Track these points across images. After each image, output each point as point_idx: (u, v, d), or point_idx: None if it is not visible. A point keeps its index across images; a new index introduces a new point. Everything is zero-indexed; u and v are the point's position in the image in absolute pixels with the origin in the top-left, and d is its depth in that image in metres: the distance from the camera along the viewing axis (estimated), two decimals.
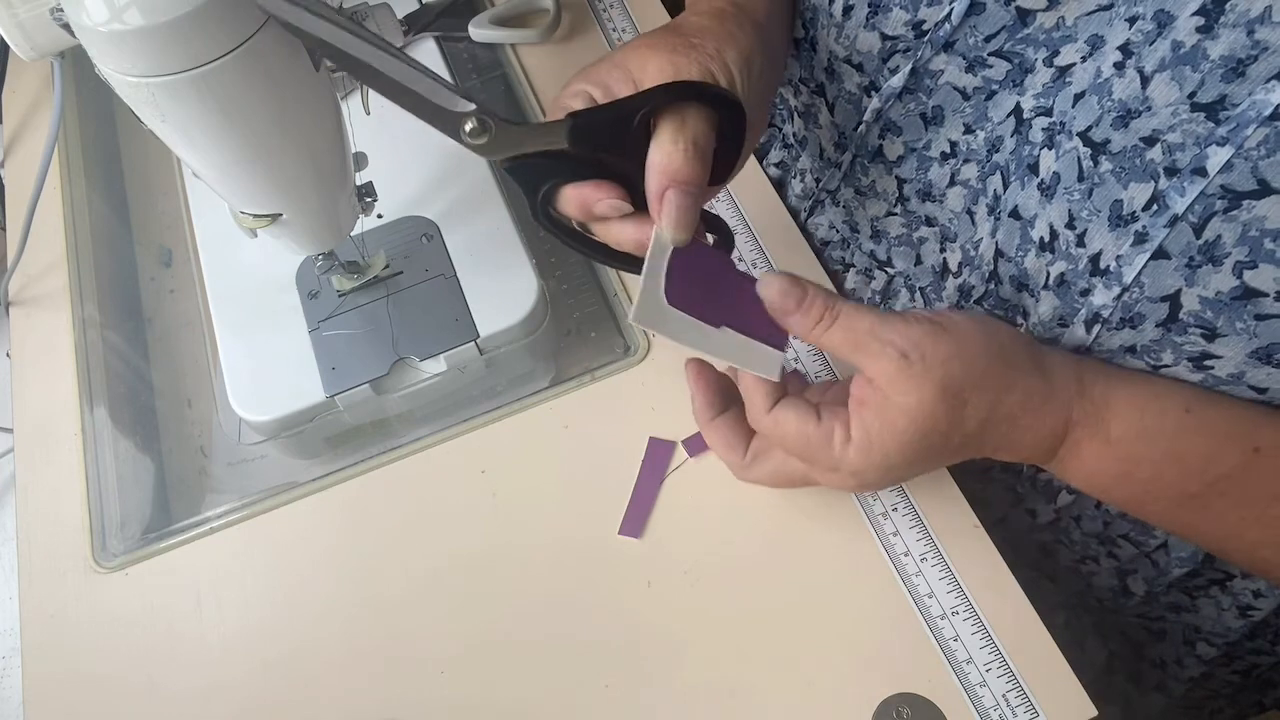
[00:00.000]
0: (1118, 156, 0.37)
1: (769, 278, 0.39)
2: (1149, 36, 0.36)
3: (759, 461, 0.44)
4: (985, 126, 0.44)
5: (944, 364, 0.37)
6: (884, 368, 0.37)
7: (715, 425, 0.44)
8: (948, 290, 0.50)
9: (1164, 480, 0.40)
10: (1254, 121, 0.33)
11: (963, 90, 0.44)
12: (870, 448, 0.38)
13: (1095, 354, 0.42)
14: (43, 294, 0.62)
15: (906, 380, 0.37)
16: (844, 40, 0.47)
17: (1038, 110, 0.41)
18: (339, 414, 0.56)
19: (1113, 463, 0.40)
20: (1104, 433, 0.39)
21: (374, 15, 0.44)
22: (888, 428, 0.38)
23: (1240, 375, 0.38)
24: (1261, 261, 0.34)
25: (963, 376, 0.37)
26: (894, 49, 0.45)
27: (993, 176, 0.44)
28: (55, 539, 0.52)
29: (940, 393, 0.37)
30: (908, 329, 0.38)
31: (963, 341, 0.38)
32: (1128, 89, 0.36)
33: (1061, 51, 0.40)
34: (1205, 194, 0.34)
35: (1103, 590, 0.60)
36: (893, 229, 0.53)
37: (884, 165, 0.50)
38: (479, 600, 0.48)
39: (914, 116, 0.46)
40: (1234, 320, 0.36)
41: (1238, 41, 0.33)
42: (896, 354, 0.37)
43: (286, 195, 0.46)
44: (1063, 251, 0.40)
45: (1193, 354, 0.38)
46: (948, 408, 0.37)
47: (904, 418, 0.38)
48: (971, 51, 0.42)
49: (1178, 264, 0.36)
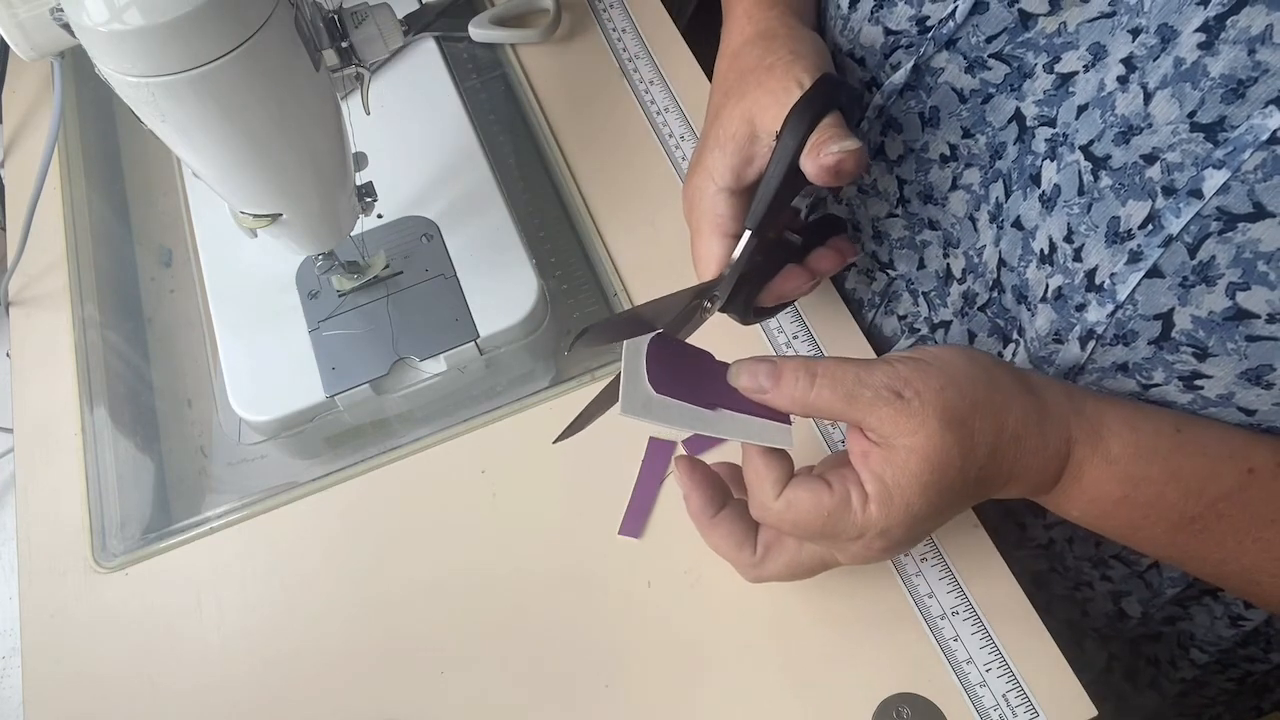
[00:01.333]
0: (1118, 173, 0.37)
1: (736, 367, 0.38)
2: (1153, 51, 0.36)
3: (772, 555, 0.41)
4: (986, 131, 0.44)
5: (939, 394, 0.36)
6: (882, 413, 0.36)
7: (717, 523, 0.41)
8: (952, 296, 0.50)
9: (1165, 502, 0.38)
10: (1251, 146, 0.33)
11: (960, 92, 0.44)
12: (890, 499, 0.36)
13: (1089, 372, 0.42)
14: (43, 294, 0.62)
15: (908, 419, 0.35)
16: (848, 33, 0.47)
17: (1041, 120, 0.41)
18: (339, 414, 0.56)
19: (1114, 485, 0.38)
20: (1104, 450, 0.38)
21: (374, 15, 0.44)
22: (902, 472, 0.36)
23: (1230, 396, 0.38)
24: (1254, 283, 0.34)
25: (961, 404, 0.36)
26: (896, 44, 0.45)
27: (995, 184, 0.44)
28: (55, 539, 0.52)
29: (944, 424, 0.35)
30: (893, 370, 0.36)
31: (950, 371, 0.37)
32: (1131, 105, 0.36)
33: (1063, 58, 0.40)
34: (1201, 215, 0.34)
35: (1098, 617, 0.60)
36: (895, 231, 0.53)
37: (885, 164, 0.50)
38: (479, 600, 0.48)
39: (913, 115, 0.46)
40: (1225, 341, 0.36)
41: (1238, 60, 0.33)
42: (891, 395, 0.36)
43: (286, 195, 0.46)
44: (1060, 265, 0.40)
45: (1183, 373, 0.38)
46: (956, 437, 0.36)
47: (915, 457, 0.36)
48: (973, 51, 0.42)
49: (1171, 283, 0.36)
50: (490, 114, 0.67)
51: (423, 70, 0.68)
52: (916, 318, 0.53)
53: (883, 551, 0.38)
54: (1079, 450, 0.38)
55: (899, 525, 0.36)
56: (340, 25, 0.43)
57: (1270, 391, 0.37)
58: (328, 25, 0.43)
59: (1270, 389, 0.37)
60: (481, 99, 0.68)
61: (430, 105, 0.66)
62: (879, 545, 0.37)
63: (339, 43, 0.43)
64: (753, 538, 0.41)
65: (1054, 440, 0.38)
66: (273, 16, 0.37)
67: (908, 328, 0.54)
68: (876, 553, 0.38)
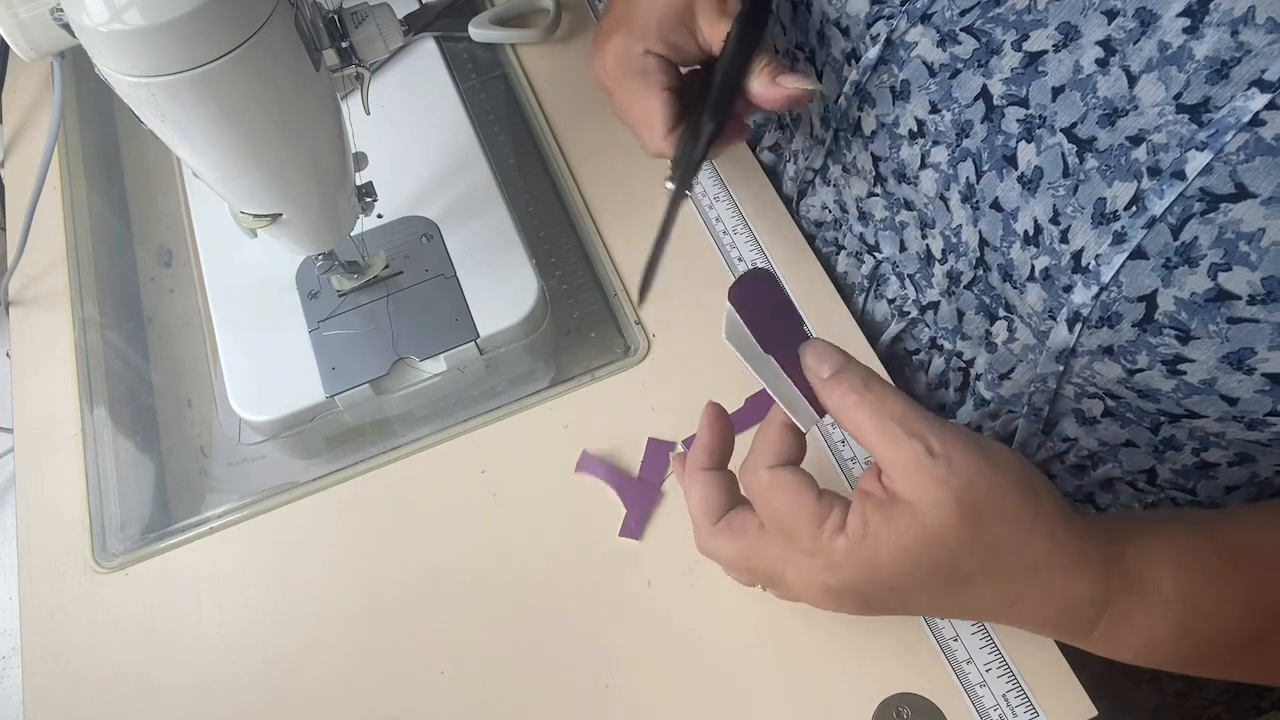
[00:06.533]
0: (1104, 155, 0.37)
1: (812, 342, 0.38)
2: (1132, 35, 0.36)
3: (727, 535, 0.39)
4: (952, 108, 0.44)
5: (971, 475, 0.33)
6: (903, 459, 0.34)
7: (701, 478, 0.40)
8: (936, 277, 0.50)
9: (1228, 627, 0.36)
10: (1234, 127, 0.33)
11: (930, 66, 0.44)
12: (863, 543, 0.34)
13: (1079, 355, 0.41)
14: (43, 294, 0.62)
15: (924, 476, 0.33)
16: (835, 1, 0.47)
17: (1010, 99, 0.41)
18: (339, 414, 0.56)
19: (1168, 625, 0.36)
20: (1157, 593, 0.35)
21: (374, 15, 0.44)
22: (889, 526, 0.34)
23: (1212, 382, 0.38)
24: (1236, 264, 0.34)
25: (988, 497, 0.33)
26: (879, 14, 0.45)
27: (964, 163, 0.44)
28: (55, 539, 0.52)
29: (958, 504, 0.33)
30: (943, 429, 0.34)
31: (998, 465, 0.34)
32: (1113, 87, 0.37)
33: (1031, 36, 0.40)
34: (1184, 196, 0.35)
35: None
36: (877, 211, 0.53)
37: (861, 140, 0.50)
38: (479, 600, 0.49)
39: (885, 89, 0.46)
40: (1207, 323, 0.36)
41: (1222, 42, 0.33)
42: (922, 448, 0.33)
43: (286, 195, 0.46)
44: (1046, 246, 0.40)
45: (1166, 357, 0.38)
46: (961, 522, 0.33)
47: (909, 519, 0.33)
48: (945, 25, 0.42)
49: (1155, 264, 0.36)
50: (490, 114, 0.67)
51: (423, 70, 0.68)
52: (905, 300, 0.53)
53: (824, 591, 0.36)
54: (1121, 602, 0.35)
55: (854, 571, 0.35)
56: (340, 25, 0.43)
57: (1251, 378, 0.37)
58: (328, 25, 0.43)
59: (1251, 374, 0.36)
60: (481, 99, 0.68)
61: (430, 105, 0.66)
62: (823, 580, 0.36)
63: (339, 43, 0.43)
64: (723, 510, 0.39)
65: (1082, 589, 0.35)
66: (273, 16, 0.37)
67: (897, 311, 0.54)
68: (818, 589, 0.36)
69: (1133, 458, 0.47)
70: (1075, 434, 0.48)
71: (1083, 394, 0.45)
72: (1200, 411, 0.40)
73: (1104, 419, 0.46)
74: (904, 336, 0.55)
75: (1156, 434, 0.44)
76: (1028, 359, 0.47)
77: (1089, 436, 0.47)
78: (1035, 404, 0.47)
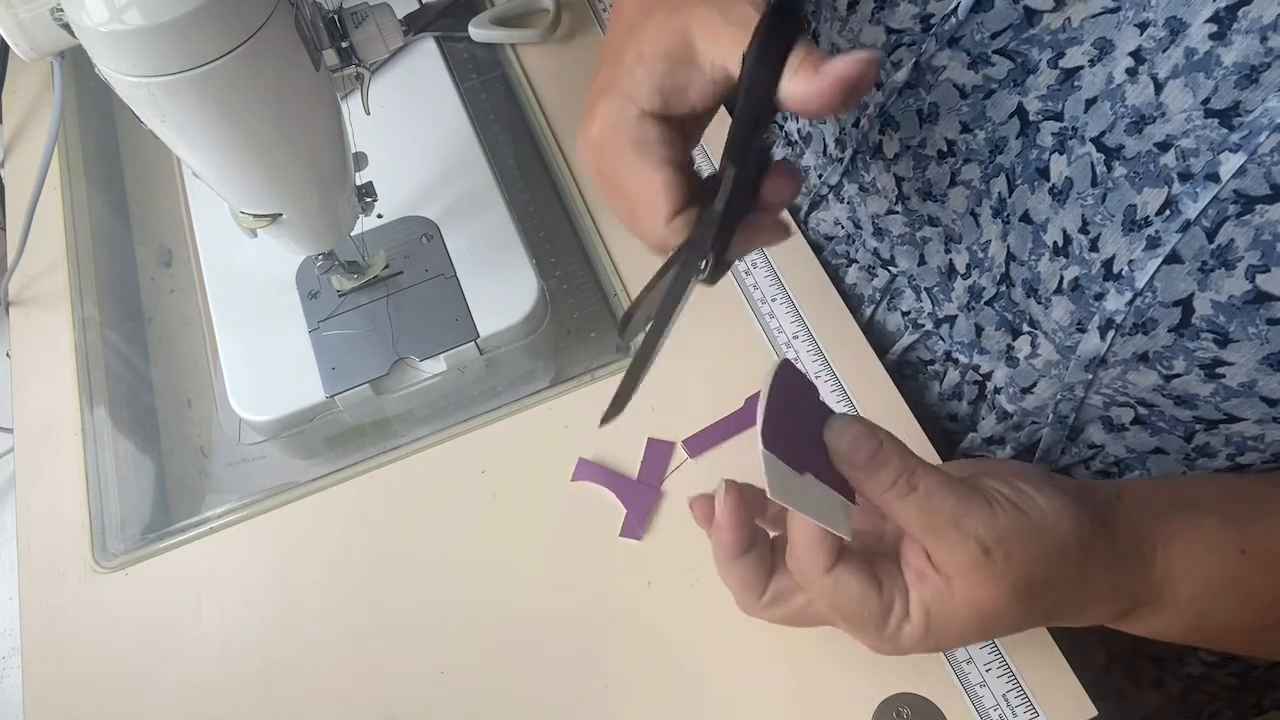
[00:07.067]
0: (1132, 162, 0.37)
1: (840, 424, 0.35)
2: (1162, 43, 0.36)
3: (778, 604, 0.40)
4: (985, 126, 0.44)
5: (1028, 565, 0.34)
6: (959, 561, 0.34)
7: (738, 564, 0.39)
8: (956, 291, 0.50)
9: (1240, 623, 0.39)
10: (1267, 129, 0.33)
11: (961, 88, 0.44)
12: (928, 631, 0.36)
13: (1110, 365, 0.41)
14: (43, 294, 0.62)
15: (982, 575, 0.34)
16: (847, 33, 0.47)
17: (1045, 114, 0.41)
18: (339, 414, 0.56)
19: (1180, 623, 0.38)
20: (1172, 600, 0.37)
21: (374, 15, 0.44)
22: (951, 615, 0.35)
23: (1252, 385, 0.38)
24: (1274, 265, 0.34)
25: (1045, 577, 0.35)
26: (899, 43, 0.44)
27: (997, 179, 0.44)
28: (55, 539, 0.52)
29: (1012, 592, 0.34)
30: (994, 520, 0.34)
31: (1050, 537, 0.35)
32: (1141, 95, 0.36)
33: (1067, 53, 0.40)
34: (1218, 199, 0.34)
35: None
36: (895, 227, 0.53)
37: (883, 162, 0.50)
38: (478, 600, 0.48)
39: (911, 113, 0.46)
40: (1246, 325, 0.36)
41: (1251, 48, 0.33)
42: (978, 549, 0.34)
43: (286, 195, 0.46)
44: (1076, 256, 0.40)
45: (1204, 360, 0.38)
46: (1018, 604, 0.35)
47: (971, 609, 0.35)
48: (976, 48, 0.42)
49: (1190, 268, 0.36)
50: (490, 114, 0.67)
51: (423, 70, 0.68)
52: (920, 313, 0.53)
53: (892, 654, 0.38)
54: (1142, 610, 0.38)
55: (918, 649, 0.37)
56: (340, 25, 0.43)
57: None
58: (328, 25, 0.43)
59: None
60: (481, 99, 0.68)
61: (430, 105, 0.66)
62: (888, 649, 0.37)
63: (339, 43, 0.43)
64: (765, 583, 0.39)
65: (1114, 608, 0.38)
66: (273, 16, 0.37)
67: (911, 323, 0.54)
68: (886, 653, 0.38)
69: (1161, 464, 0.47)
70: (1102, 440, 0.48)
71: (1112, 403, 0.45)
72: (1240, 415, 0.40)
73: (1133, 426, 0.46)
74: (917, 347, 0.55)
75: (1190, 442, 0.44)
76: (1050, 374, 0.46)
77: (1116, 444, 0.47)
78: (1061, 412, 0.47)
